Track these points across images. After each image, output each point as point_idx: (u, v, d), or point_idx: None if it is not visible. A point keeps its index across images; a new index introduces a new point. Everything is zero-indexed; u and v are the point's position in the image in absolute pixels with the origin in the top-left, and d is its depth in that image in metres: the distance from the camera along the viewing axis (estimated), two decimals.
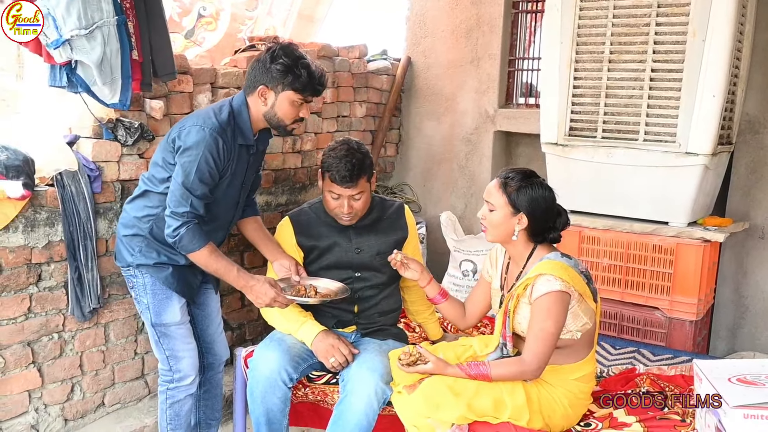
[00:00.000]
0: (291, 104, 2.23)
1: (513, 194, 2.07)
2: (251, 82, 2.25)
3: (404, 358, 2.08)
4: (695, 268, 2.93)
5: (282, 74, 2.19)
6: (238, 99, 2.29)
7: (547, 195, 2.09)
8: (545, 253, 2.10)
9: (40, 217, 2.42)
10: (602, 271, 3.10)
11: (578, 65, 3.05)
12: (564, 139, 3.12)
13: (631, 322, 3.08)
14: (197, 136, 2.16)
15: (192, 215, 2.16)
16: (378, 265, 2.48)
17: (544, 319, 1.96)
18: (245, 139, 2.28)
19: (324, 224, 2.50)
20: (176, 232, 2.15)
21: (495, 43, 3.92)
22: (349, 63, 3.74)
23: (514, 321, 2.08)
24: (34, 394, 2.49)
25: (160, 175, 2.26)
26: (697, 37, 2.76)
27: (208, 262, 2.21)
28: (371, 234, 2.50)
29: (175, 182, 2.17)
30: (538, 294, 1.98)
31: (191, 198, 2.15)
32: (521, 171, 2.12)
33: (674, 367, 2.57)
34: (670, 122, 2.88)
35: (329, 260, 2.48)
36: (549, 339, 1.97)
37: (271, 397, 2.29)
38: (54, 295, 2.50)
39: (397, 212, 2.56)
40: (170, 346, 2.35)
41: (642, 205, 3.04)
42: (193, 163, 2.15)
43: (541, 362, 1.98)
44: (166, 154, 2.24)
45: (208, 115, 2.21)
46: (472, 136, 4.06)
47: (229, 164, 2.24)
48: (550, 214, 2.10)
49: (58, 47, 2.26)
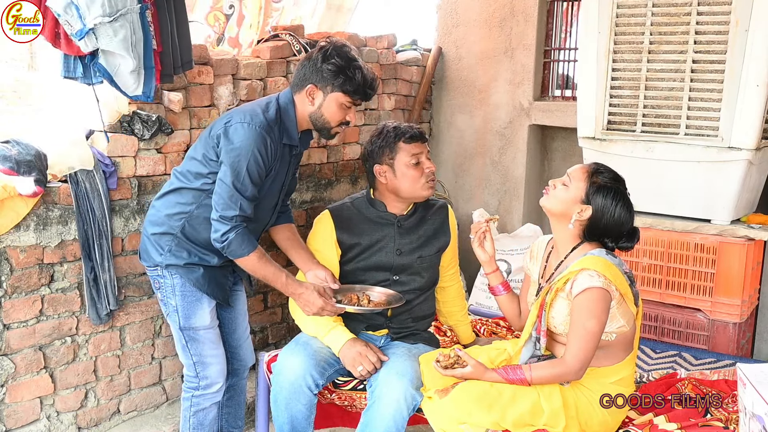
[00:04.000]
0: (339, 106, 2.22)
1: (595, 186, 2.03)
2: (300, 80, 2.23)
3: (442, 360, 2.05)
4: (739, 268, 2.88)
5: (333, 75, 2.17)
6: (285, 96, 2.26)
7: (624, 214, 2.03)
8: (591, 248, 2.05)
9: (53, 214, 2.38)
10: (642, 271, 3.05)
11: (616, 56, 3.00)
12: (602, 133, 3.08)
13: (672, 324, 3.05)
14: (247, 134, 2.11)
15: (241, 219, 2.13)
16: (418, 269, 2.44)
17: (587, 317, 1.92)
18: (290, 138, 2.25)
19: (367, 221, 2.44)
20: (225, 237, 2.11)
21: (530, 33, 3.84)
22: (377, 53, 3.67)
23: (549, 314, 2.04)
24: (46, 401, 2.46)
25: (196, 170, 2.22)
26: (740, 26, 2.72)
27: (256, 268, 2.19)
28: (414, 235, 2.45)
29: (223, 184, 2.12)
30: (579, 289, 1.94)
31: (241, 200, 2.11)
32: (615, 173, 2.09)
33: (717, 371, 2.53)
34: (712, 115, 2.84)
35: (369, 261, 2.43)
36: (592, 339, 1.93)
37: (295, 404, 2.24)
38: (67, 296, 2.46)
39: (441, 214, 2.53)
40: (198, 351, 2.30)
41: (683, 202, 2.99)
42: (243, 162, 2.10)
43: (584, 363, 1.95)
44: (208, 149, 2.19)
45: (255, 112, 2.17)
46: (506, 130, 3.99)
47: (273, 164, 2.21)
48: (616, 230, 2.04)
49: (83, 37, 2.21)
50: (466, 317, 2.64)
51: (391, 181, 2.38)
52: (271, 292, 3.18)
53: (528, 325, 2.12)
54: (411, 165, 2.35)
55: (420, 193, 2.39)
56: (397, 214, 2.43)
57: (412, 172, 2.35)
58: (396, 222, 2.42)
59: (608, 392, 2.03)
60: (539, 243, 2.26)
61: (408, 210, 2.45)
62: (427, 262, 2.41)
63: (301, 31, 3.28)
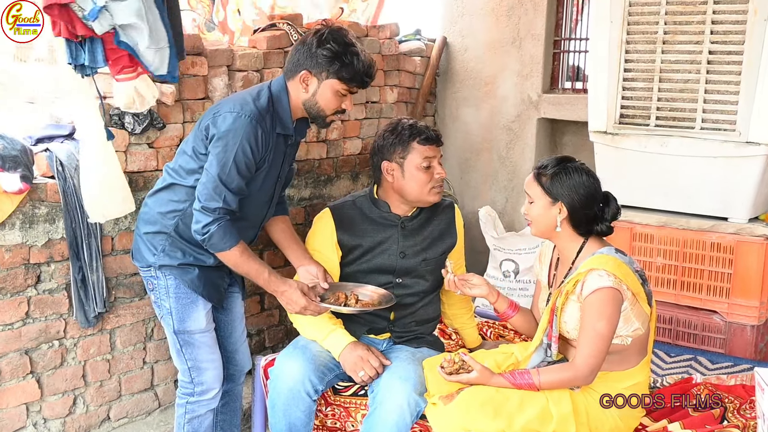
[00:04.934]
0: (334, 94, 2.17)
1: (547, 183, 2.02)
2: (293, 65, 2.17)
3: (447, 366, 2.03)
4: (757, 268, 2.85)
5: (329, 61, 2.12)
6: (278, 84, 2.21)
7: (587, 180, 2.01)
8: (597, 247, 2.03)
9: (40, 212, 2.34)
10: (655, 271, 3.04)
11: (630, 47, 2.98)
12: (614, 127, 3.05)
13: (687, 327, 3.03)
14: (235, 124, 2.07)
15: (224, 211, 2.08)
16: (422, 272, 2.39)
17: (597, 319, 1.90)
18: (284, 128, 2.20)
19: (369, 221, 2.39)
20: (206, 229, 2.07)
21: (539, 22, 3.80)
22: (379, 44, 3.62)
23: (560, 319, 2.01)
24: (33, 408, 2.43)
25: (188, 166, 2.18)
26: (759, 15, 2.71)
27: (238, 263, 2.15)
28: (418, 237, 2.39)
29: (209, 174, 2.08)
30: (589, 290, 1.92)
31: (225, 192, 2.08)
32: (555, 157, 2.07)
33: (734, 376, 2.51)
34: (729, 109, 2.82)
35: (371, 263, 2.37)
36: (602, 341, 1.90)
37: (294, 410, 2.19)
38: (54, 298, 2.42)
39: (447, 214, 2.48)
40: (193, 356, 2.26)
41: (699, 200, 2.98)
42: (229, 153, 2.06)
43: (594, 367, 1.92)
44: (197, 143, 2.16)
45: (246, 101, 2.13)
46: (514, 123, 3.95)
47: (266, 155, 2.16)
48: (592, 200, 2.02)
49: (97, 17, 2.16)
50: (472, 320, 2.59)
51: (398, 180, 2.32)
52: (268, 294, 3.11)
53: (539, 331, 2.09)
54: (422, 168, 2.29)
55: (426, 199, 2.34)
56: (401, 215, 2.38)
57: (421, 175, 2.30)
58: (400, 223, 2.37)
59: None
60: (547, 246, 2.25)
61: (413, 211, 2.40)
62: (432, 264, 2.36)
63: (299, 20, 3.24)
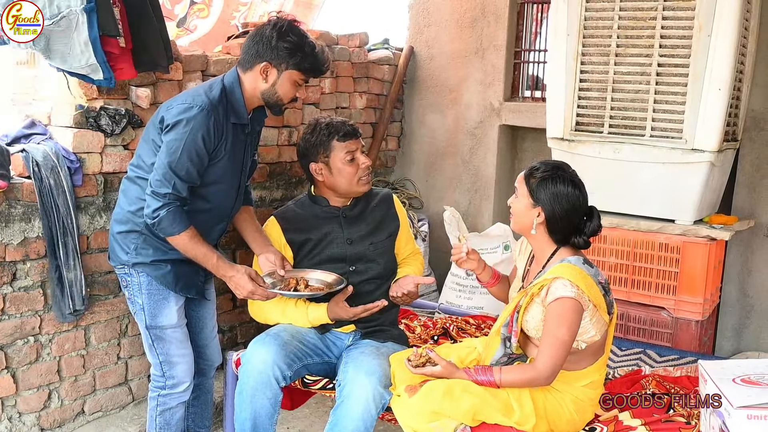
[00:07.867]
0: (292, 84, 2.20)
1: (534, 185, 2.01)
2: (251, 57, 2.18)
3: (413, 359, 2.06)
4: (701, 267, 2.93)
5: (289, 53, 2.14)
6: (231, 76, 2.22)
7: (572, 192, 1.99)
8: (567, 255, 2.03)
9: (16, 211, 2.32)
10: (609, 270, 3.08)
11: (585, 58, 3.03)
12: (570, 134, 3.10)
13: (637, 322, 3.09)
14: (186, 114, 2.09)
15: (174, 197, 2.09)
16: (372, 256, 2.45)
17: (558, 326, 1.92)
18: (239, 117, 2.21)
19: (313, 217, 2.47)
20: (156, 213, 2.08)
21: (501, 34, 3.87)
22: (349, 52, 3.66)
23: (522, 318, 2.03)
24: (8, 402, 2.39)
25: (150, 160, 2.16)
26: (703, 31, 2.77)
27: (187, 248, 2.14)
28: (362, 224, 2.47)
29: (160, 161, 2.09)
30: (552, 297, 1.94)
31: (175, 179, 2.09)
32: (551, 163, 2.05)
33: (680, 368, 2.57)
34: (676, 117, 2.88)
35: (322, 255, 2.43)
36: (562, 347, 1.93)
37: (260, 397, 2.21)
38: (30, 295, 2.40)
39: (385, 201, 2.55)
40: (164, 351, 2.26)
41: (649, 203, 3.03)
42: (180, 141, 2.08)
43: (554, 370, 1.95)
44: (155, 135, 2.16)
45: (198, 93, 2.15)
46: (477, 129, 4.01)
47: (221, 145, 2.17)
48: (573, 213, 2.00)
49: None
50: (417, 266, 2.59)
51: (328, 178, 2.41)
52: None
53: (498, 323, 2.13)
54: (346, 162, 2.37)
55: (357, 189, 2.42)
56: (340, 206, 2.46)
57: (348, 169, 2.38)
58: (341, 213, 2.45)
59: (578, 395, 2.04)
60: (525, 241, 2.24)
61: (350, 201, 2.48)
62: (380, 248, 2.43)
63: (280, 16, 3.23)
